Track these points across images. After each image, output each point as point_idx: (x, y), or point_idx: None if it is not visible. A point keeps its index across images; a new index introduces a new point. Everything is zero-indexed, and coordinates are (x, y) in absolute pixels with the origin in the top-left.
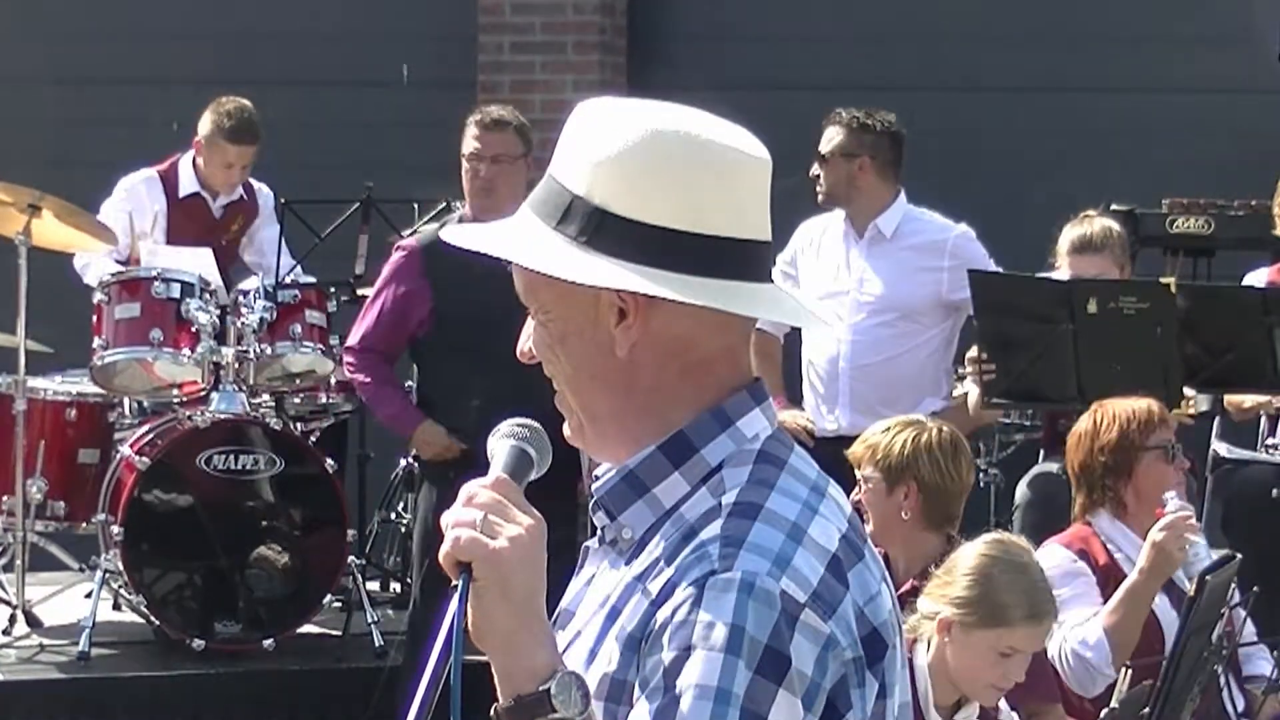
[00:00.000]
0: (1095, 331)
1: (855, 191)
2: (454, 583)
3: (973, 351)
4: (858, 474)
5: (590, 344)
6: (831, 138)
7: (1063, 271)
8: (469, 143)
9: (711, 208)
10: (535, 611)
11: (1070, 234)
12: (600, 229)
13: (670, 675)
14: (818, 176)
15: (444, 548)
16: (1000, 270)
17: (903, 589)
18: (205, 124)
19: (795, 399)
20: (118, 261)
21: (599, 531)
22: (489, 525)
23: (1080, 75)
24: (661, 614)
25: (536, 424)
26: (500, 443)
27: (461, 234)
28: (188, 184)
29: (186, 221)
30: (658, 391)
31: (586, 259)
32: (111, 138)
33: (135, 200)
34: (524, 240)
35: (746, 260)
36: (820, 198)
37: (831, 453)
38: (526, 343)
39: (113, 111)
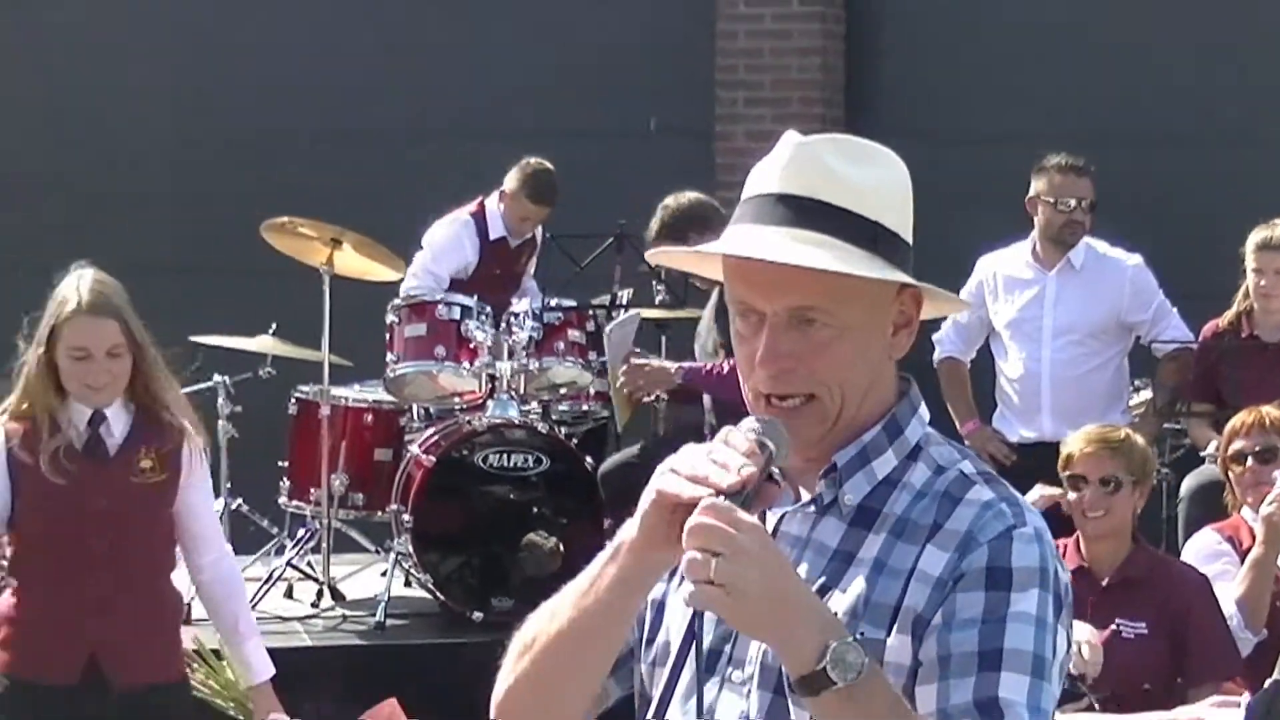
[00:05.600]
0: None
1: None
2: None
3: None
4: (1076, 471)
5: (870, 343)
6: (1085, 186)
7: (1249, 266)
8: None
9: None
10: (787, 602)
11: (1256, 236)
12: (889, 245)
13: (994, 607)
14: (1075, 223)
15: (686, 592)
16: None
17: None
18: (512, 181)
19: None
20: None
21: (816, 498)
22: (728, 543)
23: (1270, 130)
24: (970, 560)
25: (774, 419)
26: (743, 435)
27: (772, 250)
28: (495, 228)
29: (492, 258)
30: (886, 382)
31: (892, 271)
32: (410, 182)
33: (465, 238)
34: (839, 255)
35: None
36: (1050, 230)
37: (1034, 457)
38: (786, 354)
39: (410, 158)
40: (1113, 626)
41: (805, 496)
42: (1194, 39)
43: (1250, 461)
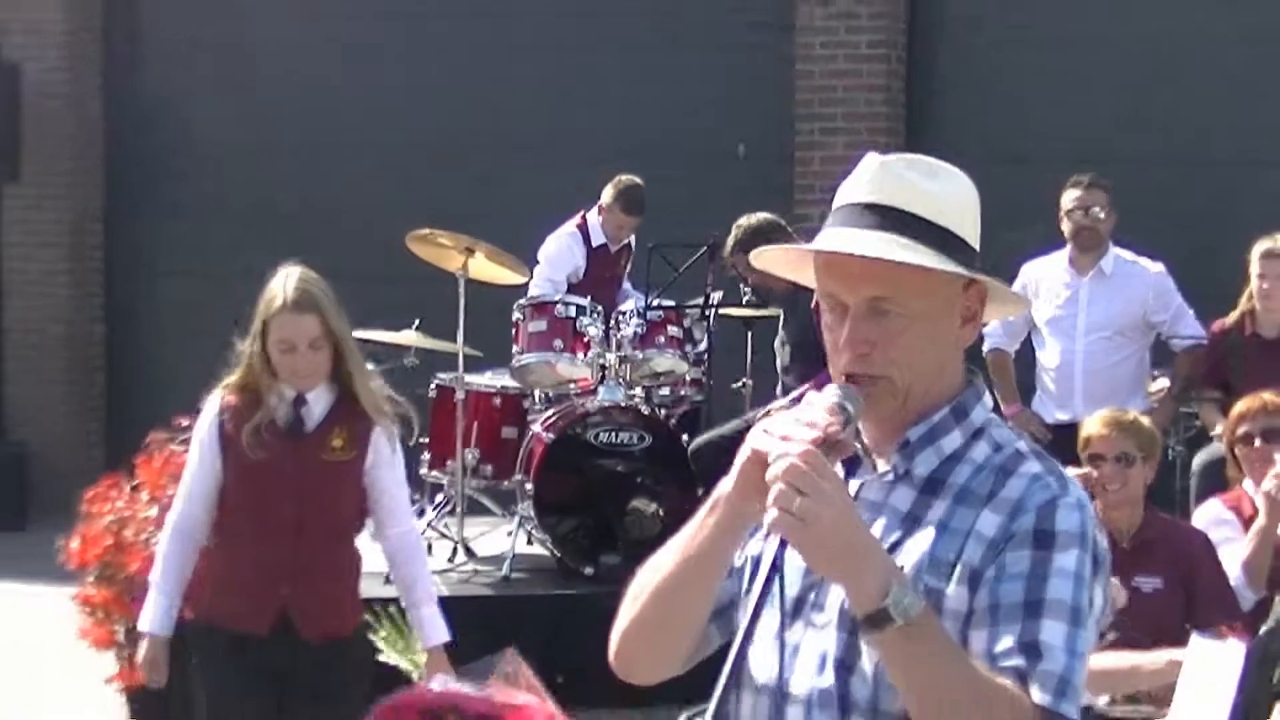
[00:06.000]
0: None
1: (1098, 241)
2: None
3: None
4: (1094, 450)
5: (938, 332)
6: (1101, 198)
7: (1254, 272)
8: None
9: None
10: (865, 550)
11: (1260, 246)
12: (956, 247)
13: (1039, 564)
14: (1091, 229)
15: (773, 517)
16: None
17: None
18: (607, 196)
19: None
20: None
21: (892, 469)
22: (811, 484)
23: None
24: (1019, 524)
25: (852, 387)
26: (825, 400)
27: (853, 246)
28: (596, 237)
29: (595, 263)
30: (954, 370)
31: (956, 267)
32: (532, 198)
33: (573, 246)
34: (910, 252)
35: None
36: (1074, 244)
37: (1068, 436)
38: (864, 339)
39: (533, 179)
40: (1132, 583)
41: (883, 467)
42: (1220, 77)
43: (1257, 442)
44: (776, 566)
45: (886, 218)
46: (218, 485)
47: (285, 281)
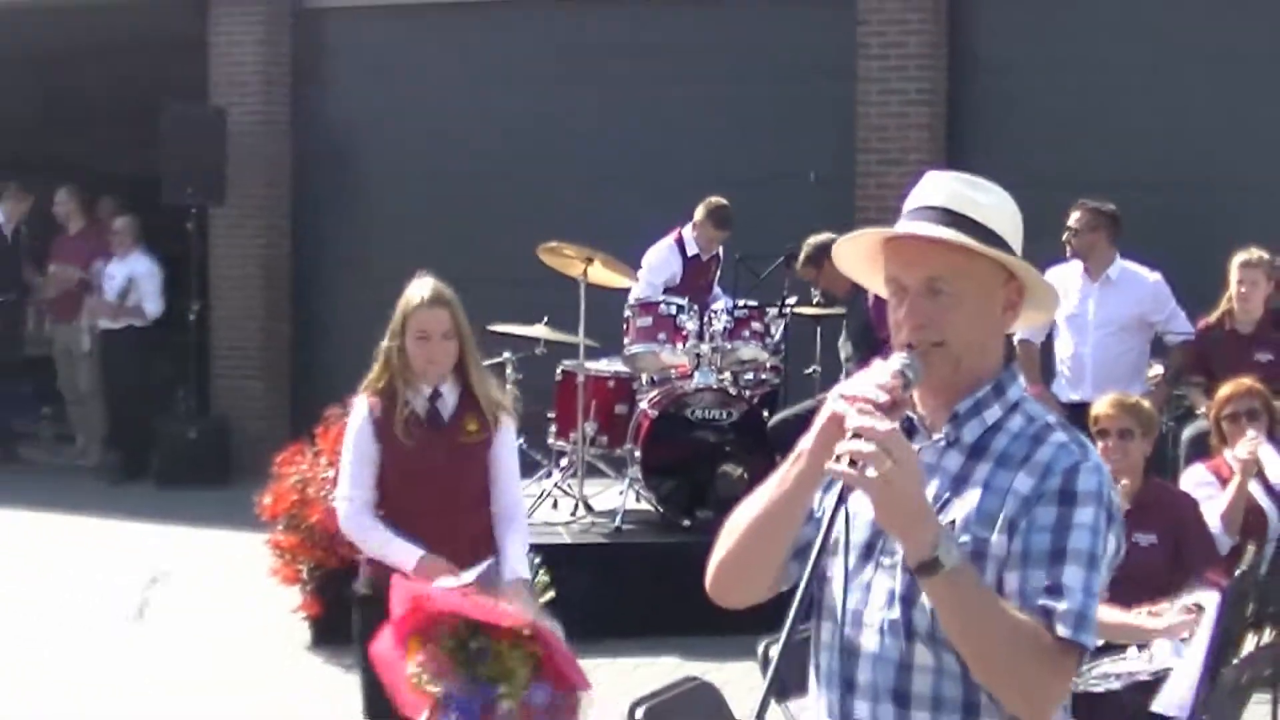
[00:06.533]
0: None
1: (1095, 252)
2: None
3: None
4: (1101, 427)
5: (982, 312)
6: (1081, 218)
7: (1233, 279)
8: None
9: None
10: (922, 506)
11: (1239, 256)
12: (997, 244)
13: (1063, 518)
14: (1069, 241)
15: (839, 468)
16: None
17: (1130, 507)
18: (700, 213)
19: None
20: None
21: (944, 436)
22: (885, 441)
23: (1257, 178)
24: (1047, 484)
25: (913, 355)
26: (890, 367)
27: (943, 232)
28: (690, 248)
29: (690, 270)
30: (997, 352)
31: (997, 254)
32: (638, 214)
33: (671, 256)
34: (969, 241)
35: None
36: (1069, 252)
37: (1080, 414)
38: (920, 311)
39: (635, 198)
40: (1131, 539)
41: (936, 435)
42: (1217, 112)
43: (1242, 420)
44: (848, 516)
45: (942, 216)
46: (375, 473)
47: (421, 284)
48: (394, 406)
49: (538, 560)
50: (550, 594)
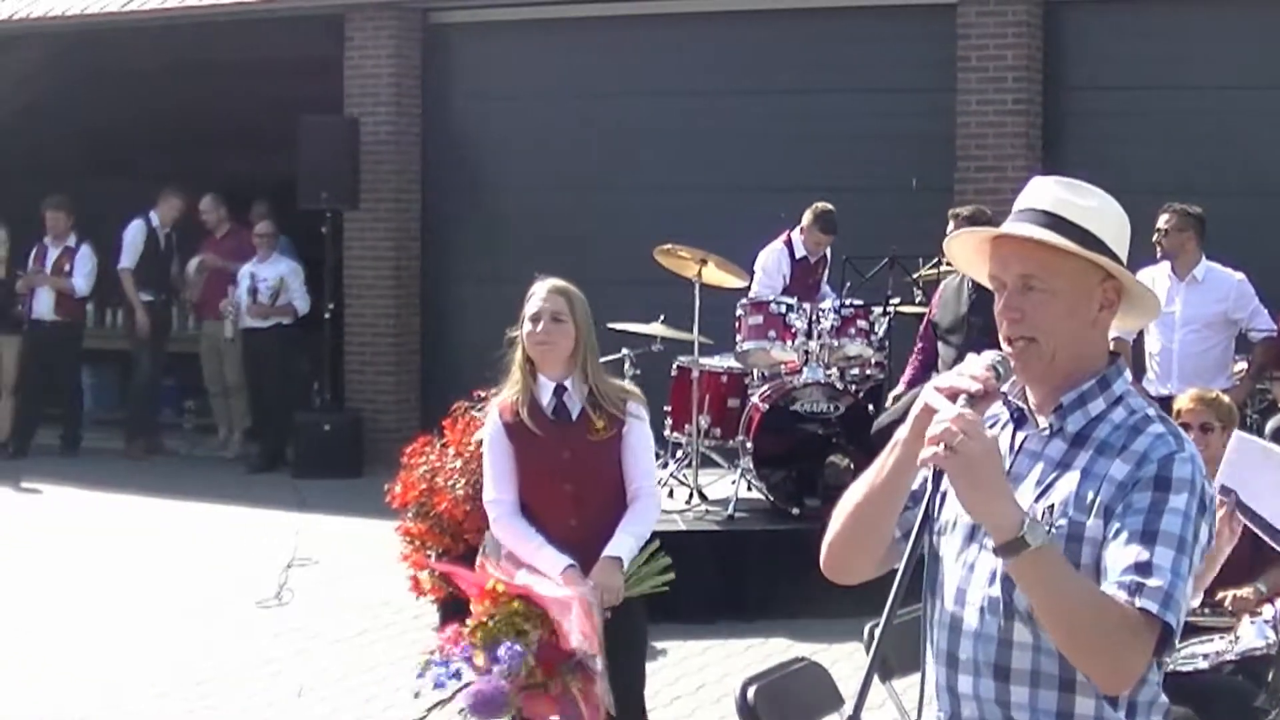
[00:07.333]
0: None
1: (1184, 253)
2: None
3: None
4: (1183, 421)
5: (1081, 314)
6: (1171, 220)
7: None
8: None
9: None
10: (1002, 489)
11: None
12: (1093, 244)
13: (1157, 503)
14: (1160, 242)
15: (927, 453)
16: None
17: None
18: (807, 218)
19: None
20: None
21: (1049, 426)
22: (967, 426)
23: None
24: (1143, 471)
25: (1005, 355)
26: (981, 360)
27: (1032, 231)
28: (799, 251)
29: (798, 271)
30: (1098, 349)
31: (1087, 254)
32: (747, 220)
33: (781, 258)
34: (1050, 238)
35: None
36: (1160, 253)
37: (1164, 408)
38: (1015, 307)
39: (746, 205)
40: None
41: (1042, 424)
42: None
43: None
44: (944, 498)
45: (1041, 218)
46: (513, 474)
47: (543, 281)
48: (521, 402)
49: (657, 546)
50: (669, 576)
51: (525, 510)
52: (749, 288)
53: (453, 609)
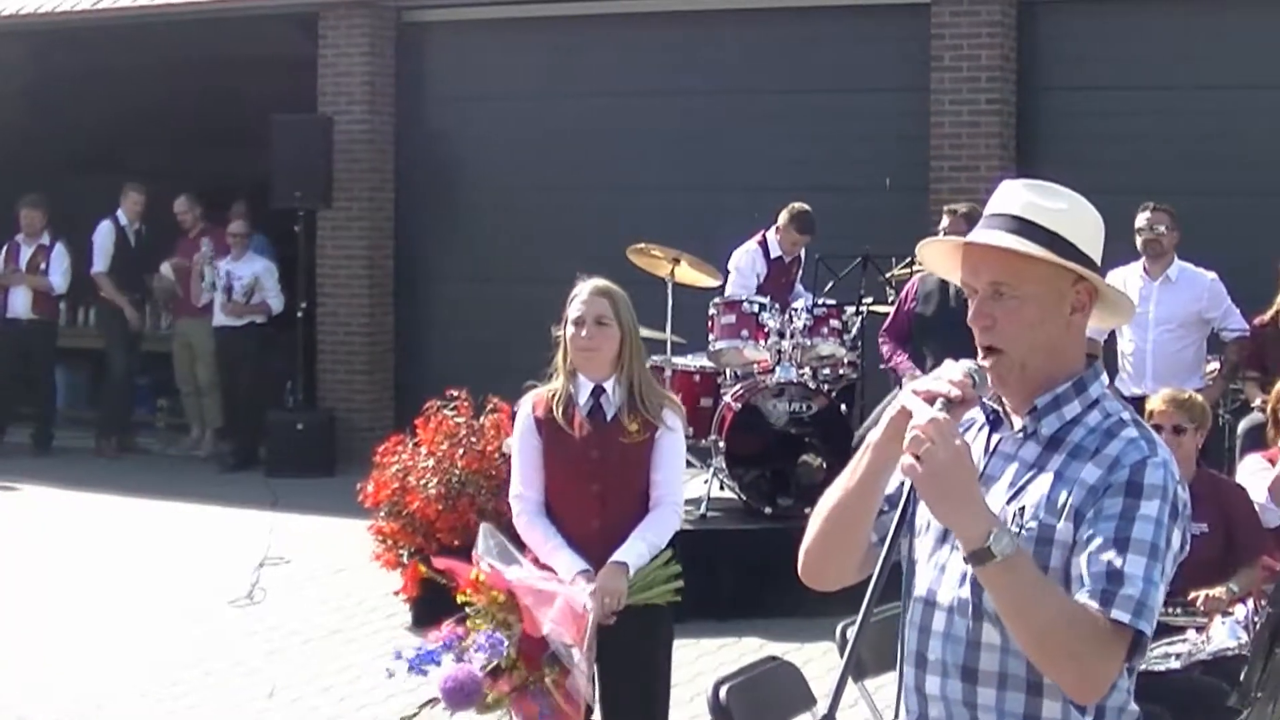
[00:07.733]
0: None
1: (1168, 253)
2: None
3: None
4: (1155, 422)
5: (1052, 318)
6: (1161, 218)
7: None
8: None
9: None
10: (969, 498)
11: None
12: (1062, 248)
13: (1128, 509)
14: (1158, 241)
15: (905, 460)
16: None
17: None
18: (783, 218)
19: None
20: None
21: (1023, 428)
22: (936, 434)
23: None
24: (1115, 476)
25: (981, 366)
26: (958, 367)
27: (998, 239)
28: (774, 250)
29: (773, 270)
30: (1073, 352)
31: (1055, 259)
32: (719, 220)
33: (756, 258)
34: (1017, 245)
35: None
36: (1146, 253)
37: (1137, 408)
38: (987, 314)
39: (718, 204)
40: None
41: (1017, 426)
42: (1266, 125)
43: None
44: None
45: (1010, 224)
46: (540, 470)
47: (586, 282)
48: (558, 399)
49: (670, 555)
50: (679, 584)
51: (549, 509)
52: (723, 287)
53: (424, 609)
